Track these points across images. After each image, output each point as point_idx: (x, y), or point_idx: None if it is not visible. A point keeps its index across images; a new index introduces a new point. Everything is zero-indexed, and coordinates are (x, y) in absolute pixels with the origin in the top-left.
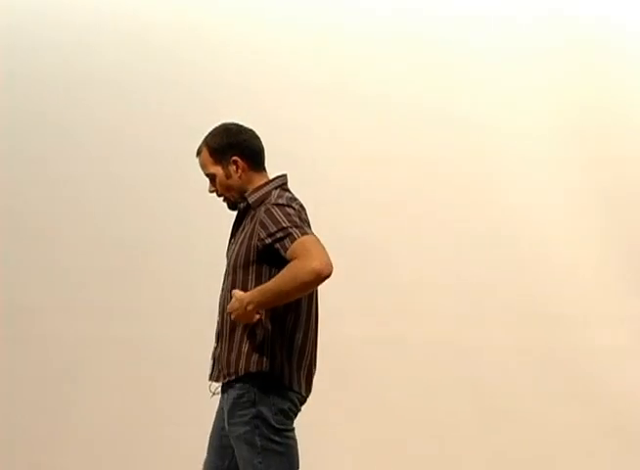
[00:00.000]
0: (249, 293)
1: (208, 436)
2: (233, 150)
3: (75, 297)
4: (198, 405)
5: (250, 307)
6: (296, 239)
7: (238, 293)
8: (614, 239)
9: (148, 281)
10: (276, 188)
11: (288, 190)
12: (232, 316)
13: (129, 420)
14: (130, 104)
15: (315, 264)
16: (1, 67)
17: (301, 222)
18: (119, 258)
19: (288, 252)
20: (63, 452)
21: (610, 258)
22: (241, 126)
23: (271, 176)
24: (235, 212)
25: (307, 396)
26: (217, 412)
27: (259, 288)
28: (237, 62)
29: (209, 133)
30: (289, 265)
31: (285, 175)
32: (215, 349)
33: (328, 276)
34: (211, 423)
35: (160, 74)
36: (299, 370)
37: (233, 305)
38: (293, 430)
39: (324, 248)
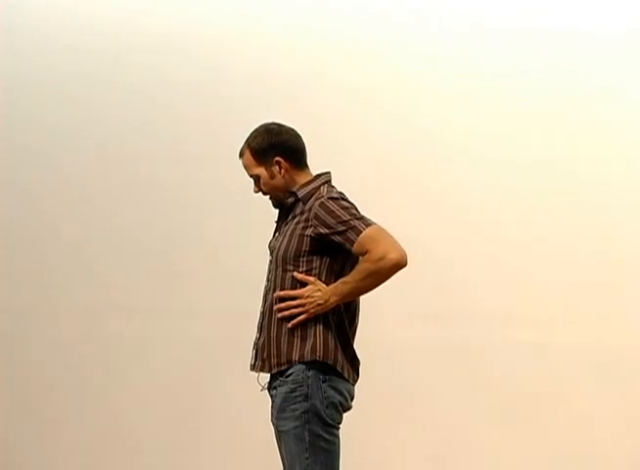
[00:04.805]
0: (332, 286)
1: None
2: (275, 150)
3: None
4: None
5: (332, 300)
6: (361, 231)
7: (320, 283)
8: None
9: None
10: (324, 183)
11: (334, 186)
12: (306, 305)
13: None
14: (154, 106)
15: (393, 256)
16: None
17: (360, 213)
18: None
19: (355, 245)
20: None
21: None
22: (282, 126)
23: (313, 173)
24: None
25: (355, 383)
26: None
27: (341, 281)
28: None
29: (251, 135)
30: (366, 259)
31: (329, 173)
32: (258, 339)
33: (405, 265)
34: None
35: (181, 75)
36: (348, 358)
37: (314, 293)
38: (339, 427)
39: (392, 236)
